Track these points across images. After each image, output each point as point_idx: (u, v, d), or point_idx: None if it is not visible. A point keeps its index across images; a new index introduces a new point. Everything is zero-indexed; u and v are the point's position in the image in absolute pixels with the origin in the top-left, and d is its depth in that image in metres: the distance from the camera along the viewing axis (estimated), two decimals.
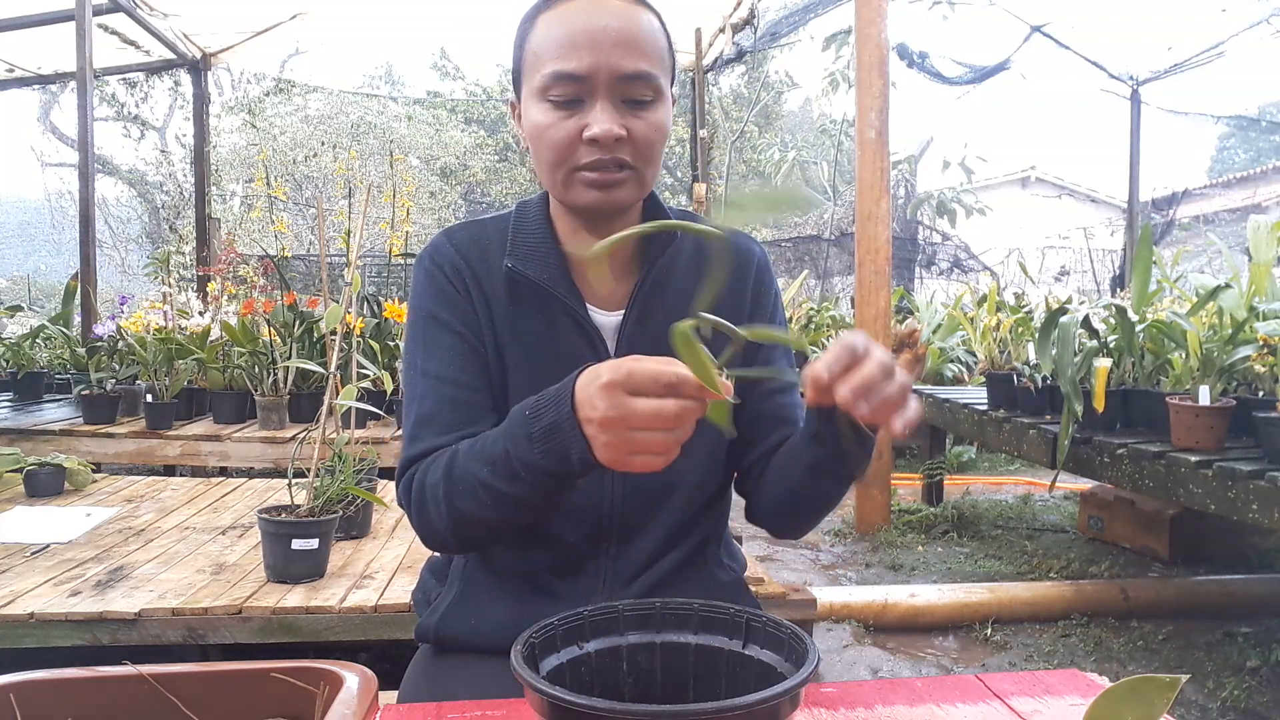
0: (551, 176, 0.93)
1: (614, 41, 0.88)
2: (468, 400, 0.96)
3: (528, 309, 0.98)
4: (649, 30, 0.91)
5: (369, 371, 2.52)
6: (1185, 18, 15.17)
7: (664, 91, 0.93)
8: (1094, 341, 3.11)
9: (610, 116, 0.89)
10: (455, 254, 0.99)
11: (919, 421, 0.76)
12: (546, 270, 0.97)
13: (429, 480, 0.91)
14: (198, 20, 6.54)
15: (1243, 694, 2.50)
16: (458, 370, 0.96)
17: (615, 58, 0.88)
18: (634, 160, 0.92)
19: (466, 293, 0.98)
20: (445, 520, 0.89)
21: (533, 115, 0.92)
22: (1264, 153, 22.85)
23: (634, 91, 0.90)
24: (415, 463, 0.94)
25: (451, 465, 0.89)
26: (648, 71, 0.90)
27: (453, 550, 1.00)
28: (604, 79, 0.88)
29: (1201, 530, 3.66)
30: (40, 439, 3.75)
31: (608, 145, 0.89)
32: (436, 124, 15.37)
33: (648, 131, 0.91)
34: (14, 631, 1.82)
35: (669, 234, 1.00)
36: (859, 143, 4.20)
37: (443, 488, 0.88)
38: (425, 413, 0.96)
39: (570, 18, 0.89)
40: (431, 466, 0.91)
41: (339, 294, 3.19)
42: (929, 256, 11.39)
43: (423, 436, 0.95)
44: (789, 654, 0.67)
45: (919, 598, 3.07)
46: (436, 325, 0.98)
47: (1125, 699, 0.50)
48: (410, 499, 0.93)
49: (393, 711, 0.78)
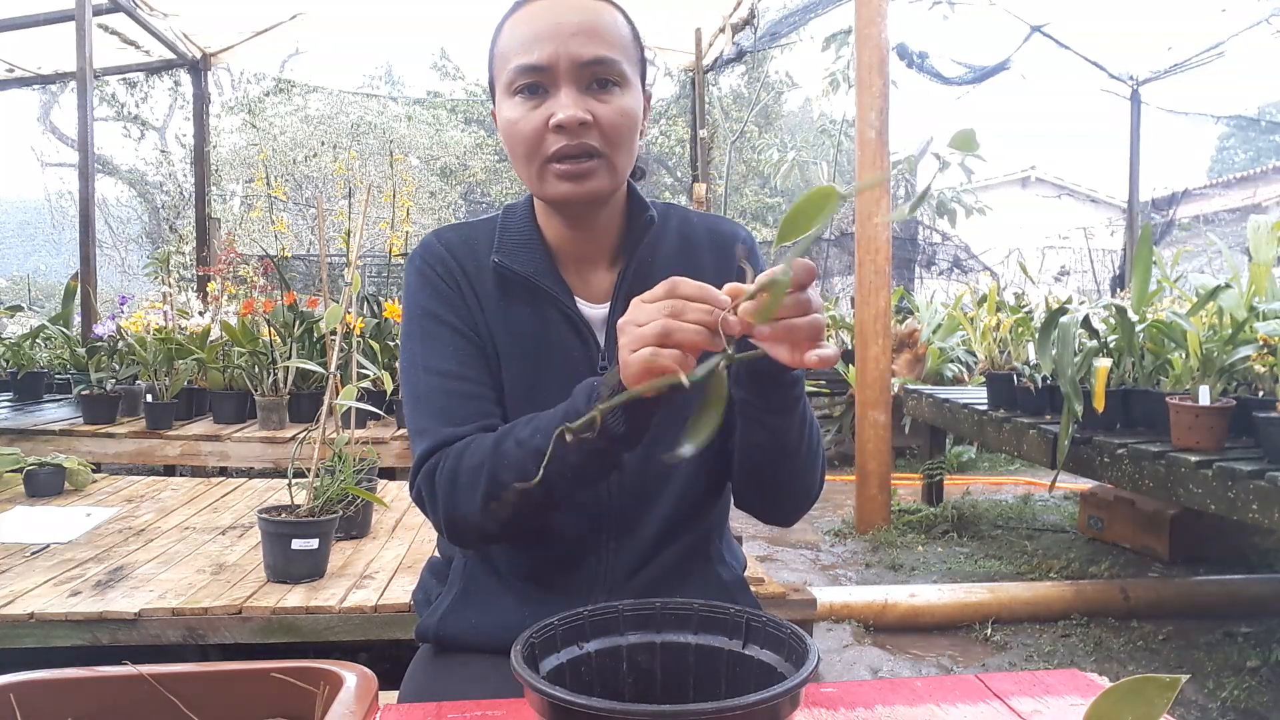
0: (526, 171, 0.95)
1: (573, 31, 0.91)
2: (475, 394, 0.97)
3: (517, 304, 0.99)
4: (609, 21, 0.94)
5: (369, 371, 2.52)
6: (1185, 18, 15.17)
7: (629, 78, 0.94)
8: (1094, 341, 3.11)
9: (574, 101, 0.91)
10: (446, 253, 1.01)
11: (834, 359, 0.75)
12: (533, 265, 0.99)
13: (465, 464, 0.90)
14: (198, 20, 6.54)
15: (1243, 694, 2.50)
16: (461, 365, 0.97)
17: (575, 45, 0.91)
18: (602, 146, 0.93)
19: (459, 290, 1.00)
20: (479, 501, 0.88)
21: (504, 113, 0.95)
22: (1264, 153, 22.85)
23: (598, 77, 0.92)
24: (434, 454, 0.94)
25: (500, 440, 0.89)
26: (608, 57, 0.92)
27: (472, 539, 0.98)
28: (564, 66, 0.91)
29: (1201, 530, 3.66)
30: (40, 439, 3.75)
31: (573, 130, 0.91)
32: (436, 124, 15.37)
33: (613, 116, 0.92)
34: (14, 631, 1.82)
35: (646, 222, 1.02)
36: (859, 143, 4.20)
37: (488, 464, 0.88)
38: (434, 408, 0.97)
39: (532, 17, 0.93)
40: (469, 449, 0.91)
41: (339, 294, 3.19)
42: (929, 256, 11.39)
43: (434, 430, 0.95)
44: (789, 654, 0.67)
45: (919, 598, 3.07)
46: (435, 322, 0.99)
47: (1125, 699, 0.50)
48: (435, 488, 0.93)
49: (393, 711, 0.78)
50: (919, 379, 5.90)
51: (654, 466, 0.99)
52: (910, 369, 5.93)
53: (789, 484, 0.98)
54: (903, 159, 12.22)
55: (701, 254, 1.05)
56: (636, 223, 1.02)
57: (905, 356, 5.95)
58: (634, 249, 1.01)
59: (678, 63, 7.45)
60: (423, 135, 14.75)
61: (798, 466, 0.96)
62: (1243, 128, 19.23)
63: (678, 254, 1.04)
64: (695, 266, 1.04)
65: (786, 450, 0.93)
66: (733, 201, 9.82)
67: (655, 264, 1.02)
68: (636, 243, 1.01)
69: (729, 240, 1.06)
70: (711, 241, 1.06)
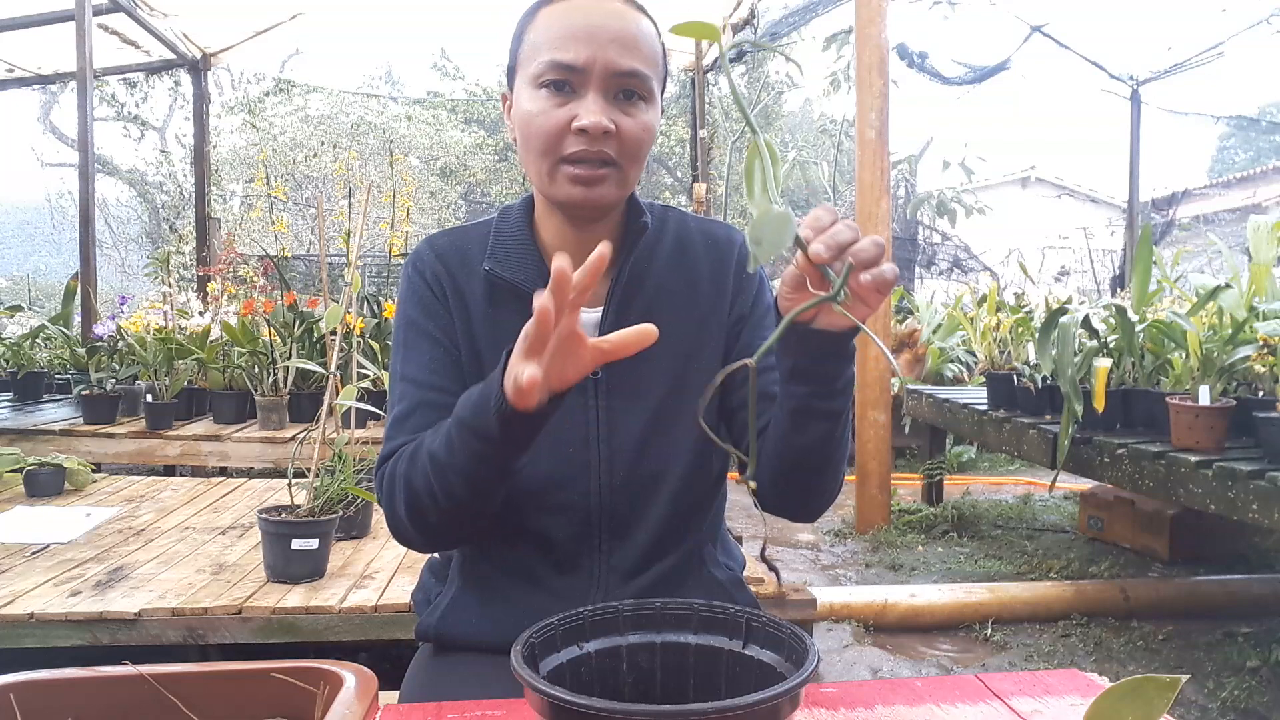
0: (538, 166, 0.94)
1: (612, 38, 0.90)
2: (440, 403, 0.97)
3: (507, 311, 0.99)
4: (646, 34, 0.94)
5: (369, 371, 2.52)
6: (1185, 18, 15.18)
7: (655, 95, 0.95)
8: (1094, 341, 3.11)
9: (601, 109, 0.90)
10: (436, 260, 1.02)
11: (894, 280, 0.75)
12: (524, 272, 0.99)
13: (397, 470, 0.94)
14: (197, 20, 6.53)
15: (1243, 694, 2.50)
16: (432, 374, 0.99)
17: (612, 53, 0.90)
18: (618, 157, 0.93)
19: (444, 298, 1.01)
20: (403, 505, 0.92)
21: (524, 104, 0.94)
22: (1264, 153, 22.84)
23: (626, 89, 0.92)
24: (386, 461, 0.98)
25: (416, 450, 0.92)
26: (642, 71, 0.92)
27: (415, 542, 1.00)
28: (599, 72, 0.90)
29: (1201, 530, 3.66)
30: (40, 439, 3.75)
31: (595, 137, 0.90)
32: (436, 124, 15.36)
33: (636, 130, 0.93)
34: (14, 631, 1.82)
35: (642, 227, 1.01)
36: (859, 143, 4.20)
37: (404, 471, 0.92)
38: (400, 414, 0.99)
39: (571, 13, 0.92)
40: (401, 457, 0.95)
41: (339, 294, 3.19)
42: (929, 256, 11.39)
43: (396, 436, 0.98)
44: (789, 654, 0.67)
45: (919, 598, 3.07)
46: (415, 331, 1.01)
47: (1125, 699, 0.50)
48: (382, 492, 0.97)
49: (393, 711, 0.78)
50: (919, 379, 5.90)
51: (643, 473, 0.99)
52: (910, 369, 5.93)
53: (834, 474, 0.95)
54: (903, 159, 12.22)
55: (697, 259, 1.04)
56: (633, 228, 1.02)
57: (905, 356, 5.95)
58: (629, 255, 1.01)
59: (678, 63, 7.44)
60: (423, 135, 14.74)
61: (842, 455, 0.94)
62: (1243, 128, 19.22)
63: (673, 260, 1.04)
64: (691, 272, 1.04)
65: (835, 439, 0.90)
66: (733, 201, 9.82)
67: (650, 270, 1.02)
68: (632, 248, 1.01)
69: (725, 245, 1.06)
70: (707, 246, 1.05)
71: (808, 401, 0.86)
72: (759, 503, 1.02)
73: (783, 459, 0.92)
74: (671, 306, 1.02)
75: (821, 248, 0.72)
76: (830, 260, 0.72)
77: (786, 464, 0.92)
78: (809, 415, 0.87)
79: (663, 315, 1.01)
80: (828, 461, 0.92)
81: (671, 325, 1.01)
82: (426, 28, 6.58)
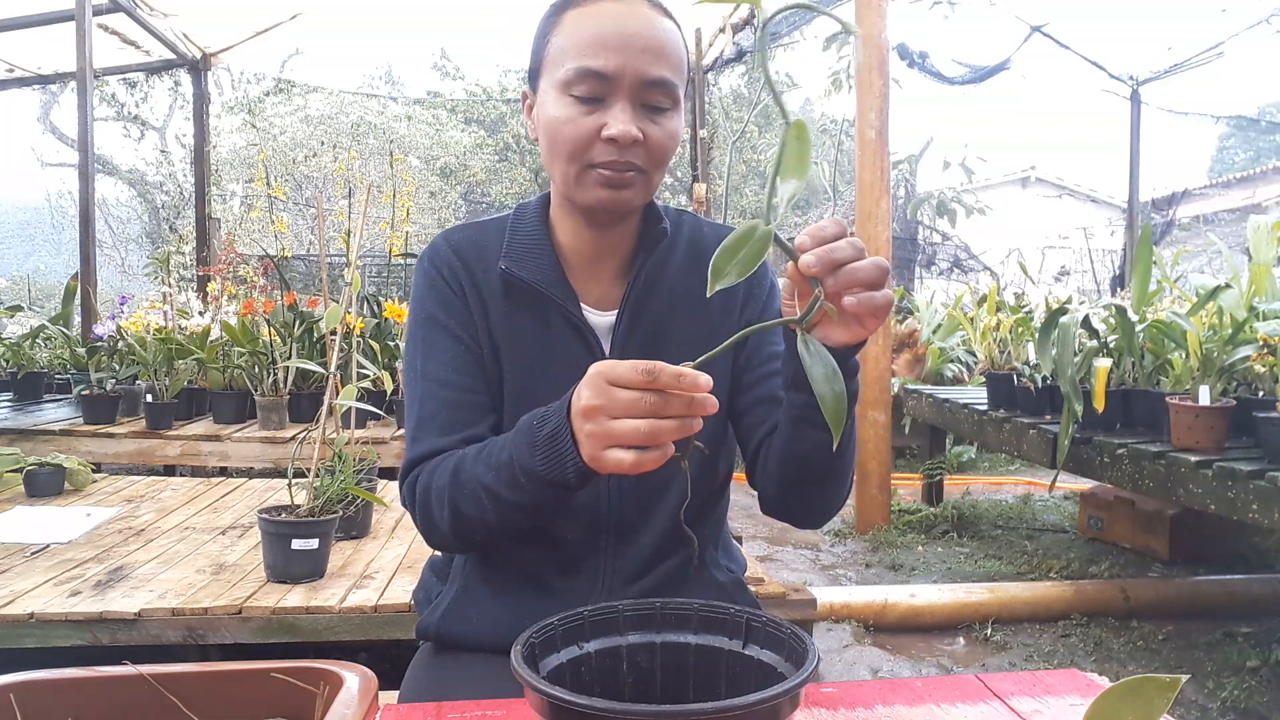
0: (565, 170, 0.94)
1: (643, 47, 0.90)
2: (466, 402, 0.97)
3: (523, 310, 0.99)
4: (674, 41, 0.93)
5: (369, 371, 2.52)
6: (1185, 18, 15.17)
7: (680, 101, 0.95)
8: (1094, 341, 3.11)
9: (630, 118, 0.90)
10: (453, 256, 1.01)
11: (888, 306, 0.73)
12: (541, 271, 0.98)
13: (434, 483, 0.92)
14: (197, 20, 6.54)
15: (1243, 694, 2.50)
16: (456, 373, 0.98)
17: (643, 63, 0.90)
18: (645, 164, 0.93)
19: (463, 295, 1.00)
20: (447, 522, 0.91)
21: (551, 108, 0.93)
22: (1264, 153, 22.84)
23: (654, 98, 0.92)
24: (418, 464, 0.96)
25: (458, 469, 0.90)
26: (670, 80, 0.92)
27: (453, 549, 1.01)
28: (629, 81, 0.90)
29: (1201, 530, 3.66)
30: (40, 439, 3.75)
31: (624, 146, 0.90)
32: (436, 124, 15.37)
33: (662, 138, 0.93)
34: (14, 631, 1.82)
35: (659, 233, 1.01)
36: (859, 143, 4.21)
37: (449, 491, 0.90)
38: (426, 414, 0.98)
39: (600, 18, 0.91)
40: (438, 469, 0.93)
41: (339, 294, 3.19)
42: (929, 256, 11.39)
43: (423, 438, 0.97)
44: (789, 654, 0.67)
45: (919, 598, 3.07)
46: (435, 328, 1.00)
47: (1125, 699, 0.50)
48: (414, 499, 0.95)
49: (393, 711, 0.78)
50: (919, 379, 5.90)
51: (653, 477, 0.99)
52: (910, 369, 5.93)
53: (837, 486, 0.95)
54: (903, 159, 12.22)
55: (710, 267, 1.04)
56: (650, 232, 1.01)
57: (905, 356, 5.95)
58: (645, 260, 1.00)
59: None
60: (423, 135, 14.75)
61: (844, 468, 0.93)
62: (1243, 128, 19.22)
63: (687, 265, 1.03)
64: (703, 280, 1.03)
65: (834, 451, 0.89)
66: (733, 201, 9.83)
67: (664, 276, 1.02)
68: (648, 254, 1.01)
69: None
70: None
71: (806, 411, 0.86)
72: (762, 509, 1.03)
73: (784, 466, 0.93)
74: (684, 312, 1.02)
75: (812, 259, 0.71)
76: (820, 274, 0.71)
77: (788, 472, 0.93)
78: (808, 425, 0.87)
79: (675, 320, 1.01)
80: (829, 472, 0.92)
81: (684, 331, 1.01)
82: (426, 28, 6.58)
